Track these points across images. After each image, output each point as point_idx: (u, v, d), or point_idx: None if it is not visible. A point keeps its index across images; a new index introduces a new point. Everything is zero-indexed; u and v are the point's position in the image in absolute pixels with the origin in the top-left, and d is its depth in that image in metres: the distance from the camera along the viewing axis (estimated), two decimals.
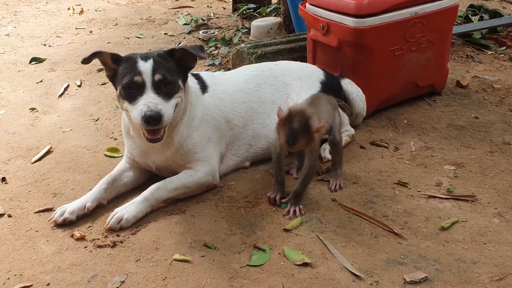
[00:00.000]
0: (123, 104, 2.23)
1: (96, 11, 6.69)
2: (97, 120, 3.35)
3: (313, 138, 2.08)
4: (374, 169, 2.56)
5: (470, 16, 4.59)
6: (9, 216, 2.32)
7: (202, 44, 4.63)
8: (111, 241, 2.08)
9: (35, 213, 2.33)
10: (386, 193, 2.35)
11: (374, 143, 2.84)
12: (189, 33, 5.33)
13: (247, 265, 1.91)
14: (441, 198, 2.29)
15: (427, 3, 3.00)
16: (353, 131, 2.87)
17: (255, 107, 2.64)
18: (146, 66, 2.18)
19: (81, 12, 6.64)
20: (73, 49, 5.00)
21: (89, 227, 2.20)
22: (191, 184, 2.34)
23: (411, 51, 3.07)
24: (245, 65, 3.30)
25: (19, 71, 4.43)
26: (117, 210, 2.20)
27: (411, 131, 2.97)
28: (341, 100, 2.74)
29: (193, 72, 2.59)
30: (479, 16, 4.61)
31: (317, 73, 2.85)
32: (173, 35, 5.30)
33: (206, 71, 3.78)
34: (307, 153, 2.20)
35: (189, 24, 5.54)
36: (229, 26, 5.34)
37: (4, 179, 2.63)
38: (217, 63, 4.22)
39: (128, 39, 5.31)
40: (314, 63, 3.31)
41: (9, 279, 1.91)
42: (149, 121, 2.09)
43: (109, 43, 5.19)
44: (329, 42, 3.08)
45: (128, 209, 2.19)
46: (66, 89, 3.94)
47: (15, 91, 3.95)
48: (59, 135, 3.15)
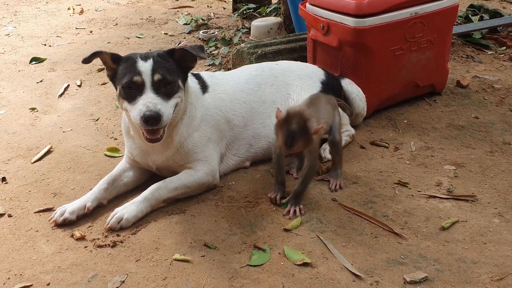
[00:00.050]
0: (122, 104, 2.23)
1: (96, 11, 6.69)
2: (97, 120, 3.35)
3: (311, 140, 2.08)
4: (374, 169, 2.56)
5: (470, 16, 4.59)
6: (9, 216, 2.32)
7: (202, 44, 4.63)
8: (111, 241, 2.08)
9: (35, 213, 2.33)
10: (386, 193, 2.35)
11: (374, 143, 2.84)
12: (189, 33, 5.33)
13: (247, 265, 1.91)
14: (441, 198, 2.29)
15: (427, 3, 3.00)
16: (353, 131, 2.87)
17: (256, 107, 2.64)
18: (145, 66, 2.18)
19: (81, 12, 6.64)
20: (73, 49, 5.00)
21: (89, 227, 2.20)
22: (191, 184, 2.34)
23: (411, 51, 3.07)
24: (245, 65, 3.30)
25: (19, 71, 4.43)
26: (117, 210, 2.20)
27: (411, 131, 2.97)
28: (341, 99, 2.74)
29: (194, 72, 2.59)
30: (479, 16, 4.60)
31: (317, 73, 2.85)
32: (173, 35, 5.30)
33: (206, 71, 3.78)
34: (307, 153, 2.20)
35: (189, 24, 5.54)
36: (229, 26, 5.34)
37: (4, 179, 2.63)
38: (217, 63, 4.22)
39: (128, 39, 5.31)
40: (314, 63, 3.31)
41: (9, 278, 1.91)
42: (148, 121, 2.09)
43: (109, 43, 5.19)
44: (329, 42, 3.08)
45: (128, 209, 2.19)
46: (66, 89, 3.94)
47: (15, 91, 3.96)
48: (59, 135, 3.15)
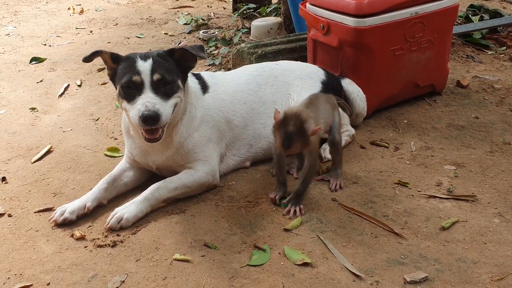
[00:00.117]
0: (122, 103, 2.23)
1: (96, 11, 6.69)
2: (97, 119, 3.35)
3: (309, 141, 2.08)
4: (374, 169, 2.56)
5: (470, 16, 4.59)
6: (9, 215, 2.32)
7: (202, 44, 4.63)
8: (111, 241, 2.08)
9: (35, 212, 2.33)
10: (386, 193, 2.35)
11: (374, 143, 2.84)
12: (189, 33, 5.33)
13: (247, 265, 1.91)
14: (442, 198, 2.29)
15: (427, 3, 3.00)
16: (353, 131, 2.87)
17: (256, 107, 2.63)
18: (145, 65, 2.18)
19: (81, 12, 6.64)
20: (73, 49, 5.00)
21: (89, 226, 2.20)
22: (191, 183, 2.34)
23: (411, 51, 3.06)
24: (245, 65, 3.30)
25: (19, 70, 4.43)
26: (117, 209, 2.20)
27: (411, 131, 2.97)
28: (341, 98, 2.74)
29: (194, 72, 2.59)
30: (479, 16, 4.61)
31: (318, 73, 2.84)
32: (173, 35, 5.30)
33: (206, 71, 3.78)
34: (307, 154, 2.20)
35: (189, 24, 5.54)
36: (229, 26, 5.34)
37: (4, 179, 2.63)
38: (217, 63, 4.22)
39: (128, 39, 5.31)
40: (314, 63, 3.31)
41: (9, 278, 1.91)
42: (147, 120, 2.09)
43: (109, 43, 5.19)
44: (329, 42, 3.08)
45: (128, 209, 2.19)
46: (66, 88, 3.94)
47: (15, 90, 3.96)
48: (59, 134, 3.15)
